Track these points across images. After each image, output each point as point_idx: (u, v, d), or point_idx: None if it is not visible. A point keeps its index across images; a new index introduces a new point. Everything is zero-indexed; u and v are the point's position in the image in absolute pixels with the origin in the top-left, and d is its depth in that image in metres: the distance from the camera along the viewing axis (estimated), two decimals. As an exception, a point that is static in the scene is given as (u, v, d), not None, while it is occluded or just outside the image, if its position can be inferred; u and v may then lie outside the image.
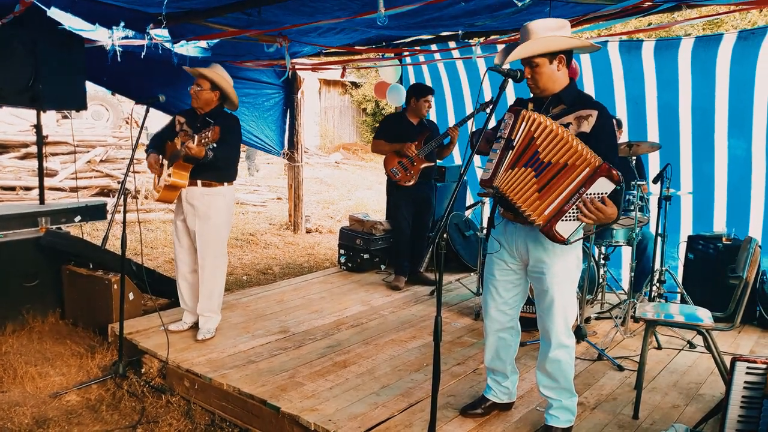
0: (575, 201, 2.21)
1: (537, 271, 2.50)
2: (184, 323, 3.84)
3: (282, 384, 3.09)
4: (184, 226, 3.71)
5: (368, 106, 17.49)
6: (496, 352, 2.71)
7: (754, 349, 3.71)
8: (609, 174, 2.17)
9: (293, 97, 7.11)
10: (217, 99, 3.61)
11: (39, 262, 4.17)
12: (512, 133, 2.33)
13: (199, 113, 3.62)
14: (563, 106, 2.42)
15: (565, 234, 2.23)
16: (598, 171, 2.18)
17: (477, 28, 4.56)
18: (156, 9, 3.52)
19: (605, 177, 2.17)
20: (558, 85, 2.42)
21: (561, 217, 2.23)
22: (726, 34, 4.35)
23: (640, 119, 4.84)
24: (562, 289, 2.46)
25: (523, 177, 2.29)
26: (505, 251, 2.57)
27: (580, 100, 2.44)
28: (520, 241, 2.51)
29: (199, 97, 3.57)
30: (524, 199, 2.29)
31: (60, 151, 9.21)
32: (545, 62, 2.38)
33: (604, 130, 2.36)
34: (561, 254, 2.44)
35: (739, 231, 4.30)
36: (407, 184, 4.71)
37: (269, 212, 9.17)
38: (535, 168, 2.27)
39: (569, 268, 2.48)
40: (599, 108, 2.40)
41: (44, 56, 4.08)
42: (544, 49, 2.36)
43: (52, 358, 3.70)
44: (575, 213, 2.22)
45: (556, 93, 2.43)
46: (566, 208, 2.22)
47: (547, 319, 2.51)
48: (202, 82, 3.56)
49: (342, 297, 4.71)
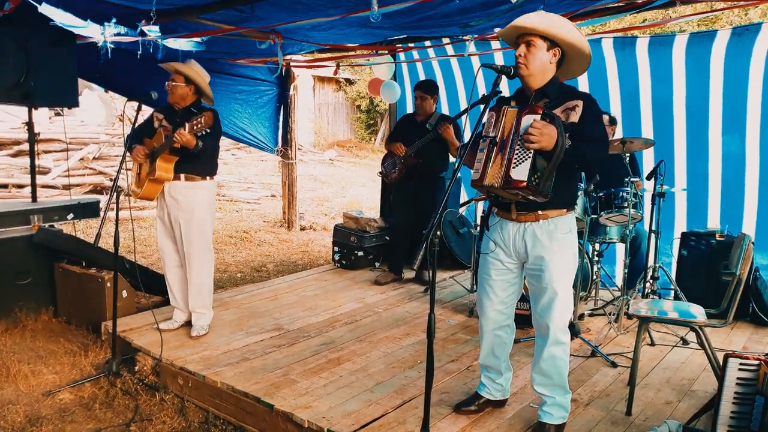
0: (515, 145, 2.28)
1: (536, 269, 2.50)
2: (175, 321, 3.82)
3: (276, 381, 3.09)
4: (168, 221, 3.70)
5: (362, 103, 17.44)
6: (491, 349, 2.71)
7: (747, 345, 3.73)
8: (530, 110, 2.27)
9: (287, 94, 7.08)
10: (192, 93, 3.61)
11: (31, 260, 4.15)
12: (495, 130, 2.36)
13: (177, 108, 3.62)
14: (546, 100, 2.43)
15: (521, 176, 2.26)
16: (521, 113, 2.28)
17: (471, 29, 4.54)
18: (147, 5, 3.49)
19: (527, 114, 2.27)
20: (545, 77, 2.43)
21: (511, 164, 2.28)
22: (720, 30, 4.36)
23: (634, 116, 4.85)
24: (561, 286, 2.46)
25: (497, 163, 2.33)
26: (501, 251, 2.57)
27: (563, 92, 2.46)
28: (518, 239, 2.50)
29: (174, 92, 3.57)
30: (495, 178, 2.32)
31: (52, 148, 9.15)
32: (543, 46, 2.37)
33: (590, 114, 2.40)
34: (559, 251, 2.45)
35: (733, 227, 4.32)
36: (390, 180, 4.91)
37: (263, 209, 9.15)
38: (501, 150, 2.33)
39: (567, 265, 2.49)
40: (584, 97, 2.43)
41: (36, 53, 4.05)
42: (547, 28, 2.33)
43: (45, 356, 3.68)
44: (520, 154, 2.27)
45: (539, 88, 2.43)
46: (512, 155, 2.29)
47: (545, 315, 2.51)
48: (176, 77, 3.57)
49: (336, 294, 4.70)
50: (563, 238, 2.47)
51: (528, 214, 2.47)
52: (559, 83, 2.48)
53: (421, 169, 4.71)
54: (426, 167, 4.71)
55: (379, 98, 7.33)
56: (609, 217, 3.92)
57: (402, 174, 4.75)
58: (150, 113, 3.85)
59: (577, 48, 2.40)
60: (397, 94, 6.01)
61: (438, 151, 4.66)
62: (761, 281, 4.04)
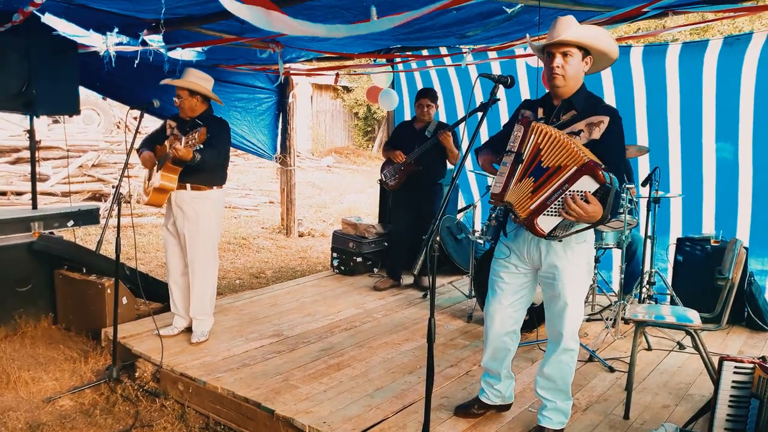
0: (558, 196, 2.24)
1: (549, 276, 2.50)
2: (175, 328, 3.84)
3: (276, 387, 3.11)
4: (174, 230, 3.73)
5: (360, 110, 17.52)
6: (494, 353, 2.72)
7: (743, 349, 3.77)
8: (593, 172, 2.18)
9: (285, 102, 7.13)
10: (200, 102, 3.65)
11: (32, 267, 4.17)
12: (521, 146, 2.32)
13: (188, 118, 3.66)
14: (574, 112, 2.41)
15: (546, 228, 2.27)
16: (583, 169, 2.20)
17: (468, 40, 4.60)
18: (151, 15, 3.54)
19: (589, 175, 2.19)
20: (576, 85, 2.40)
21: (543, 211, 2.27)
22: (712, 39, 4.42)
23: (629, 123, 4.87)
24: (573, 295, 2.47)
25: (526, 185, 2.32)
26: (516, 256, 2.57)
27: (591, 105, 2.42)
28: (533, 246, 2.51)
29: (183, 107, 3.63)
30: (520, 202, 2.32)
31: (52, 155, 9.18)
32: (579, 55, 2.34)
33: (612, 135, 2.36)
34: (573, 259, 2.46)
35: (728, 233, 4.36)
36: (390, 188, 4.94)
37: (261, 216, 9.17)
38: (535, 174, 2.30)
39: (580, 274, 2.49)
40: (610, 113, 2.39)
41: (38, 62, 4.09)
42: (588, 39, 2.30)
43: (45, 363, 3.69)
44: (557, 208, 2.25)
45: (567, 98, 2.41)
46: (549, 203, 2.26)
47: (557, 323, 2.52)
48: (181, 92, 3.61)
49: (335, 300, 4.73)
50: (578, 248, 2.46)
51: None
52: (586, 93, 2.45)
53: (420, 176, 4.76)
54: (425, 174, 4.76)
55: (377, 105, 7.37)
56: (605, 223, 3.96)
57: (402, 181, 4.80)
58: (158, 121, 3.89)
59: (609, 56, 2.40)
60: (395, 101, 6.07)
61: (436, 158, 4.71)
62: (756, 286, 4.09)
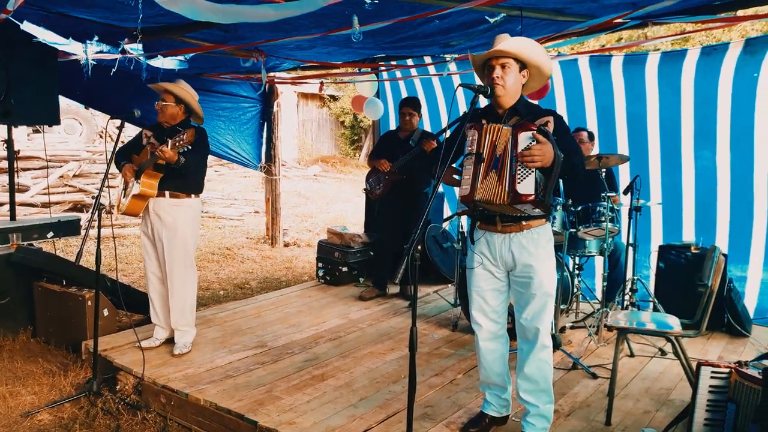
0: (516, 163, 2.39)
1: (524, 276, 2.57)
2: (156, 339, 3.80)
3: (259, 398, 3.08)
4: (151, 237, 3.70)
5: (346, 119, 17.56)
6: (491, 366, 2.73)
7: (722, 354, 3.81)
8: (523, 127, 2.39)
9: (270, 111, 7.12)
10: (182, 113, 3.67)
11: (10, 279, 4.10)
12: (480, 147, 2.47)
13: (166, 126, 3.65)
14: (518, 117, 2.56)
15: (528, 191, 2.36)
16: (515, 130, 2.39)
17: (452, 49, 4.64)
18: (131, 24, 3.52)
19: (522, 130, 2.38)
20: (516, 95, 2.58)
21: (515, 180, 2.38)
22: (690, 49, 4.51)
23: (609, 131, 4.97)
24: (550, 290, 2.58)
25: (492, 179, 2.44)
26: (489, 262, 2.64)
27: (532, 111, 2.62)
28: (505, 249, 2.57)
29: (164, 111, 3.62)
30: (493, 194, 2.42)
31: (31, 166, 9.04)
32: (516, 67, 2.53)
33: (563, 130, 2.55)
34: (545, 259, 2.57)
35: (707, 240, 4.42)
36: (375, 197, 4.95)
37: (246, 226, 9.12)
38: (495, 167, 2.44)
39: (552, 271, 2.61)
40: (552, 113, 2.59)
41: (17, 71, 4.05)
42: (521, 50, 2.49)
43: (24, 377, 3.62)
44: (522, 170, 2.38)
45: (512, 106, 2.58)
46: (515, 172, 2.39)
47: (536, 320, 2.58)
48: (166, 97, 3.61)
49: (320, 310, 4.71)
50: (547, 246, 2.60)
51: (513, 225, 2.55)
52: (525, 101, 2.65)
53: (406, 185, 4.78)
54: (410, 183, 4.78)
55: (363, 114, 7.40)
56: (587, 231, 4.00)
57: (387, 190, 4.81)
58: (138, 131, 3.87)
59: (543, 70, 2.58)
60: (380, 110, 6.09)
61: (421, 166, 4.73)
62: (735, 292, 4.15)
